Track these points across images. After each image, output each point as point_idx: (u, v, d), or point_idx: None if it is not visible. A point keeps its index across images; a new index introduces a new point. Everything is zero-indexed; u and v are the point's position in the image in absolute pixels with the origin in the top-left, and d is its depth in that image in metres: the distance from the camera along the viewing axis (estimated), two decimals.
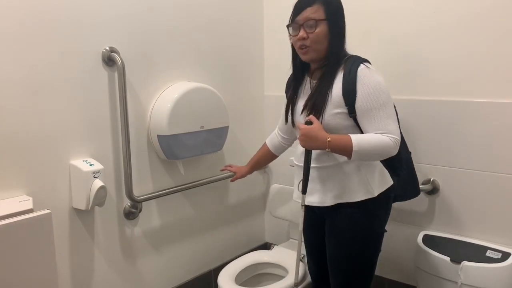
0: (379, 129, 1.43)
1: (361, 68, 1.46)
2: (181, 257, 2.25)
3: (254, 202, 2.68)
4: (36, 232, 1.42)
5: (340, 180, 1.56)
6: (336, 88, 1.48)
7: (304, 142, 1.47)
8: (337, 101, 1.48)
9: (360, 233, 1.58)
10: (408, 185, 1.84)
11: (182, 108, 1.94)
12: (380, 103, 1.43)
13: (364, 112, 1.45)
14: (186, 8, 2.09)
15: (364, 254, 1.61)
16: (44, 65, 1.60)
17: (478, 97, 1.86)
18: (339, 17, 1.51)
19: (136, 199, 1.89)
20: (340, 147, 1.43)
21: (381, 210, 1.62)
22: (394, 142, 1.43)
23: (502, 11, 1.77)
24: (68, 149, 1.70)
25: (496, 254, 1.80)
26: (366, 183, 1.55)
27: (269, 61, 2.59)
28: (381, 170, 1.61)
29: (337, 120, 1.49)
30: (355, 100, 1.45)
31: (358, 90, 1.44)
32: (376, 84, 1.44)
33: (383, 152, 1.44)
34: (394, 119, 1.47)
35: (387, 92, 1.46)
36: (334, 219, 1.61)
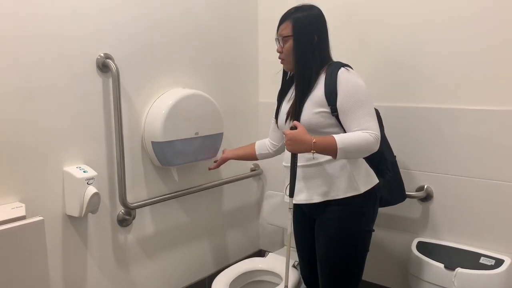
0: (359, 126, 1.51)
1: (341, 71, 1.56)
2: (175, 264, 2.23)
3: (248, 209, 2.68)
4: (28, 239, 1.41)
5: (326, 178, 1.62)
6: (318, 89, 1.58)
7: (291, 146, 1.53)
8: (320, 101, 1.57)
9: (348, 230, 1.64)
10: (395, 190, 1.88)
11: (176, 114, 1.94)
12: (360, 102, 1.53)
13: (345, 111, 1.54)
14: (181, 15, 2.10)
15: (351, 251, 1.65)
16: (38, 71, 1.59)
17: (471, 105, 1.87)
18: (307, 31, 1.61)
19: (129, 206, 1.88)
20: (325, 147, 1.49)
21: (369, 208, 1.67)
22: (375, 138, 1.50)
23: (490, 20, 1.79)
24: (62, 156, 1.69)
25: (489, 261, 1.81)
26: (352, 180, 1.61)
27: (263, 68, 2.60)
28: (366, 168, 1.68)
29: (320, 118, 1.58)
30: (336, 100, 1.54)
31: (339, 90, 1.54)
32: (355, 85, 1.55)
33: (366, 148, 1.50)
34: (374, 117, 1.55)
35: (366, 93, 1.56)
36: (322, 216, 1.67)
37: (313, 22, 1.62)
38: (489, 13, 1.80)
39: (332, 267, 1.67)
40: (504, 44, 1.78)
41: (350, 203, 1.61)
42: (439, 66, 1.94)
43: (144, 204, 1.97)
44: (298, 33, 1.61)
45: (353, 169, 1.62)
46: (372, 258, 2.18)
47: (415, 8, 1.98)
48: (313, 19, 1.63)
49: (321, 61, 1.63)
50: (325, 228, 1.67)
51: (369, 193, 1.64)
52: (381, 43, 2.10)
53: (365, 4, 2.12)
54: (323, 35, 1.64)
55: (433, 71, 1.96)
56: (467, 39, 1.86)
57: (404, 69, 2.04)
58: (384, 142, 1.82)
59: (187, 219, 2.27)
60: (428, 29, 1.95)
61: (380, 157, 1.76)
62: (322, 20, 1.65)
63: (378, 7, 2.09)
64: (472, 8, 1.84)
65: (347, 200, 1.61)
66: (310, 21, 1.62)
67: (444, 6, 1.90)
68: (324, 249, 1.68)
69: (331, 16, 1.71)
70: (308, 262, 1.84)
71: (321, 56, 1.63)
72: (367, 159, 1.66)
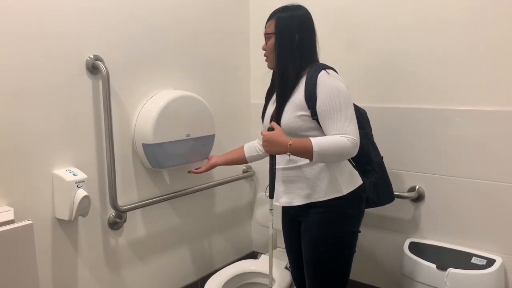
0: (338, 130, 1.51)
1: (321, 74, 1.55)
2: (167, 267, 2.22)
3: (240, 211, 2.67)
4: (17, 244, 1.39)
5: (308, 181, 1.62)
6: (299, 93, 1.58)
7: (267, 147, 1.53)
8: (300, 104, 1.57)
9: (333, 232, 1.63)
10: (382, 191, 1.87)
11: (167, 116, 1.93)
12: (338, 106, 1.51)
13: (324, 114, 1.53)
14: (172, 16, 2.09)
15: (337, 253, 1.65)
16: (27, 72, 1.58)
17: (463, 105, 1.88)
18: (288, 30, 1.61)
19: (120, 208, 1.87)
20: (301, 150, 1.49)
21: (353, 209, 1.65)
22: (353, 142, 1.48)
23: (485, 20, 1.80)
24: (51, 158, 1.67)
25: (481, 261, 1.82)
26: (334, 182, 1.60)
27: (255, 70, 2.60)
28: (350, 170, 1.67)
29: (300, 122, 1.57)
30: (316, 104, 1.54)
31: (318, 94, 1.53)
32: (333, 88, 1.53)
33: (342, 153, 1.49)
34: (353, 121, 1.53)
35: (346, 96, 1.54)
36: (307, 219, 1.66)
37: (295, 22, 1.62)
38: (479, 13, 1.81)
39: (317, 269, 1.66)
40: (494, 45, 1.79)
41: (333, 205, 1.61)
42: (429, 67, 1.95)
43: (135, 206, 1.95)
44: (280, 32, 1.62)
45: (336, 171, 1.61)
46: (364, 259, 2.19)
47: (405, 10, 1.99)
48: (296, 19, 1.62)
49: (302, 62, 1.62)
50: (309, 231, 1.66)
51: (353, 195, 1.63)
52: (371, 44, 2.10)
53: (355, 6, 2.13)
54: (306, 36, 1.63)
55: (423, 72, 1.97)
56: (457, 41, 1.87)
57: (394, 70, 2.05)
58: (371, 143, 1.83)
59: (179, 222, 2.25)
60: (418, 30, 1.96)
61: (367, 158, 1.77)
62: (307, 21, 1.64)
63: (367, 9, 2.09)
64: (462, 9, 1.85)
65: (330, 202, 1.60)
66: (292, 21, 1.62)
67: (434, 8, 1.91)
68: (309, 251, 1.67)
69: (321, 18, 1.71)
70: (297, 265, 1.82)
71: (302, 57, 1.62)
72: (353, 160, 1.66)
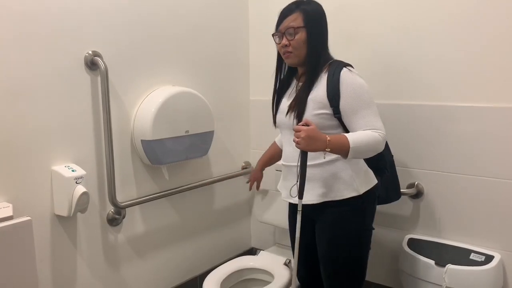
0: (368, 126, 1.50)
1: (344, 71, 1.53)
2: (166, 263, 2.22)
3: (239, 207, 2.67)
4: (16, 240, 1.39)
5: (326, 179, 1.59)
6: (320, 90, 1.55)
7: (305, 143, 1.43)
8: (322, 102, 1.54)
9: (350, 231, 1.61)
10: (390, 189, 1.88)
11: (166, 112, 1.93)
12: (365, 102, 1.51)
13: (350, 112, 1.51)
14: (171, 12, 2.08)
15: (354, 251, 1.63)
16: (26, 68, 1.57)
17: (462, 102, 1.88)
18: (318, 24, 1.58)
19: (119, 205, 1.87)
20: (339, 146, 1.45)
21: (369, 207, 1.65)
22: (383, 137, 1.50)
23: (486, 17, 1.80)
24: (50, 154, 1.67)
25: (479, 257, 1.82)
26: (352, 181, 1.58)
27: (254, 66, 2.59)
28: (366, 169, 1.66)
29: (320, 120, 1.54)
30: (339, 101, 1.51)
31: (342, 92, 1.51)
32: (358, 85, 1.52)
33: (375, 147, 1.50)
34: (379, 116, 1.54)
35: (370, 92, 1.54)
36: (323, 218, 1.64)
37: (321, 14, 1.60)
38: (481, 10, 1.80)
39: (335, 268, 1.65)
40: (496, 42, 1.78)
41: (350, 204, 1.58)
42: (430, 63, 1.94)
43: (134, 203, 1.95)
44: (313, 23, 1.57)
45: (353, 170, 1.59)
46: None
47: (409, 6, 1.98)
48: (321, 10, 1.60)
49: (326, 57, 1.60)
50: (326, 231, 1.63)
51: (369, 193, 1.61)
52: (372, 40, 2.09)
53: (357, 1, 2.12)
54: (327, 32, 1.62)
55: (425, 68, 1.96)
56: (460, 37, 1.86)
57: (391, 66, 2.04)
58: None
59: (178, 218, 2.25)
60: (421, 27, 1.95)
61: (379, 157, 1.69)
62: (325, 16, 1.62)
63: (369, 4, 2.09)
64: (465, 5, 1.84)
65: (347, 201, 1.58)
66: (319, 12, 1.59)
67: (438, 4, 1.90)
68: (327, 250, 1.64)
69: None
70: (304, 263, 1.79)
71: (327, 52, 1.61)
72: (366, 158, 1.64)
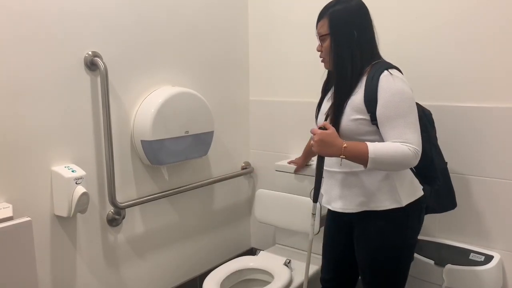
0: (397, 137, 1.39)
1: (384, 74, 1.43)
2: (166, 264, 2.22)
3: (239, 207, 2.67)
4: (16, 240, 1.39)
5: (366, 188, 1.52)
6: (358, 95, 1.46)
7: (319, 147, 1.41)
8: (359, 108, 1.46)
9: (392, 244, 1.54)
10: (444, 198, 1.75)
11: (166, 113, 1.93)
12: (401, 111, 1.39)
13: (384, 120, 1.42)
14: (171, 13, 2.08)
15: (397, 265, 1.58)
16: (25, 69, 1.57)
17: (460, 102, 1.88)
18: (344, 29, 1.48)
19: (119, 205, 1.87)
20: (355, 154, 1.38)
21: (413, 221, 1.57)
22: (414, 152, 1.37)
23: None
24: (50, 155, 1.67)
25: (479, 257, 1.82)
26: (394, 191, 1.50)
27: (254, 66, 2.59)
28: (411, 179, 1.56)
29: (358, 125, 1.47)
30: (376, 108, 1.42)
31: (379, 97, 1.42)
32: (396, 92, 1.41)
33: (401, 162, 1.38)
34: (416, 129, 1.41)
35: (410, 101, 1.42)
36: (364, 229, 1.58)
37: (351, 16, 1.48)
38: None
39: (376, 278, 1.61)
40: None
41: (392, 217, 1.50)
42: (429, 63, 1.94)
43: (134, 203, 1.95)
44: (335, 31, 1.48)
45: (396, 180, 1.50)
46: None
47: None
48: (351, 12, 1.48)
49: (363, 60, 1.48)
50: (367, 241, 1.57)
51: (412, 206, 1.52)
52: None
53: None
54: (364, 30, 1.49)
55: (419, 68, 1.96)
56: (454, 36, 1.87)
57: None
58: (434, 147, 1.69)
59: (178, 218, 2.25)
60: (420, 27, 1.95)
61: (429, 164, 1.60)
62: (363, 13, 1.50)
63: None
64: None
65: (388, 213, 1.50)
66: (347, 16, 1.48)
67: None
68: (368, 260, 1.60)
69: None
70: (333, 269, 1.74)
71: (363, 54, 1.49)
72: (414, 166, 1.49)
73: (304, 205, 2.10)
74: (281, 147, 2.52)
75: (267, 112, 2.56)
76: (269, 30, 2.48)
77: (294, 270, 2.10)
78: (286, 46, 2.42)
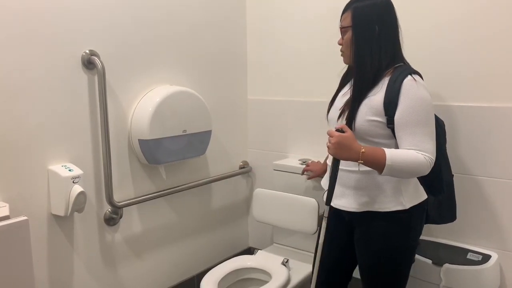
0: (414, 145, 1.38)
1: (408, 79, 1.41)
2: (163, 263, 2.22)
3: (237, 206, 2.67)
4: (12, 240, 1.38)
5: (373, 188, 1.51)
6: (378, 96, 1.45)
7: (336, 150, 1.39)
8: (377, 109, 1.44)
9: (395, 246, 1.54)
10: (445, 210, 1.74)
11: (164, 112, 1.92)
12: (421, 119, 1.39)
13: (402, 125, 1.40)
14: (168, 11, 2.07)
15: (398, 266, 1.58)
16: (22, 68, 1.56)
17: (456, 102, 1.88)
18: (366, 23, 1.47)
19: (116, 204, 1.86)
20: (373, 160, 1.37)
21: (416, 223, 1.57)
22: (429, 161, 1.38)
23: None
24: (46, 154, 1.66)
25: (476, 257, 1.82)
26: (399, 194, 1.49)
27: (252, 65, 2.59)
28: (415, 183, 1.56)
29: (372, 127, 1.45)
30: (395, 112, 1.41)
31: (400, 101, 1.40)
32: (418, 99, 1.39)
33: (416, 170, 1.39)
34: (432, 138, 1.41)
35: (430, 109, 1.42)
36: (367, 230, 1.57)
37: (375, 12, 1.46)
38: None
39: (376, 280, 1.60)
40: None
41: (395, 218, 1.50)
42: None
43: (131, 202, 1.95)
44: (357, 24, 1.47)
45: (402, 182, 1.49)
46: None
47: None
48: (376, 8, 1.46)
49: (382, 58, 1.46)
50: (370, 242, 1.56)
51: (416, 209, 1.52)
52: None
53: None
54: (387, 28, 1.47)
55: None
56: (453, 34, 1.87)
57: None
58: (443, 157, 1.66)
59: (175, 218, 2.25)
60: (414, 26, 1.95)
61: (436, 175, 1.57)
62: (389, 10, 1.48)
63: None
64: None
65: (393, 215, 1.49)
66: (371, 11, 1.46)
67: None
68: (369, 262, 1.59)
69: None
70: (330, 269, 1.72)
71: (384, 52, 1.46)
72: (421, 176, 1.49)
73: (302, 204, 2.10)
74: (279, 146, 2.52)
75: (265, 111, 2.56)
76: (268, 28, 2.48)
77: (292, 269, 2.10)
78: (285, 45, 2.42)
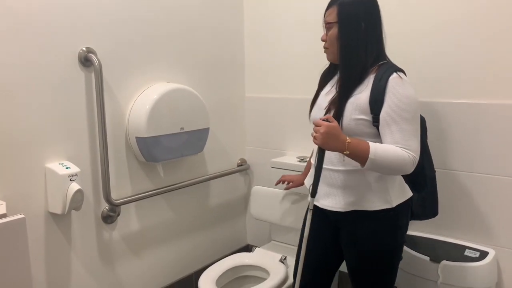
0: (398, 142, 1.37)
1: (393, 76, 1.40)
2: (161, 261, 2.21)
3: (235, 204, 2.67)
4: (9, 238, 1.38)
5: (357, 187, 1.50)
6: (363, 94, 1.44)
7: (323, 140, 1.36)
8: (362, 107, 1.43)
9: (384, 245, 1.54)
10: (428, 206, 1.74)
11: (161, 109, 1.92)
12: (406, 117, 1.38)
13: (387, 123, 1.40)
14: (166, 9, 2.07)
15: (387, 265, 1.59)
16: (19, 65, 1.56)
17: (453, 98, 1.88)
18: (353, 19, 1.46)
19: (114, 202, 1.86)
20: (357, 152, 1.36)
21: (403, 221, 1.57)
22: (412, 159, 1.37)
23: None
24: (44, 152, 1.66)
25: (474, 253, 1.83)
26: (385, 192, 1.49)
27: (250, 63, 2.58)
28: (400, 181, 1.56)
29: (359, 126, 1.45)
30: (381, 109, 1.40)
31: (386, 99, 1.39)
32: (404, 97, 1.39)
33: (399, 167, 1.38)
34: (417, 136, 1.41)
35: (416, 107, 1.42)
36: (353, 230, 1.56)
37: (361, 9, 1.45)
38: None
39: (367, 280, 1.61)
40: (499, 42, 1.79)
41: (382, 217, 1.50)
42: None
43: (129, 200, 1.95)
44: (343, 20, 1.45)
45: (387, 182, 1.49)
46: None
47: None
48: (362, 4, 1.46)
49: (368, 55, 1.46)
50: (357, 242, 1.56)
51: (402, 207, 1.52)
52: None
53: None
54: (373, 25, 1.46)
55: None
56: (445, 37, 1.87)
57: None
58: (426, 154, 1.67)
59: (173, 215, 2.25)
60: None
61: (419, 171, 1.55)
62: (374, 8, 1.48)
63: None
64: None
65: (379, 214, 1.49)
66: (357, 7, 1.45)
67: None
68: (358, 263, 1.59)
69: None
70: (314, 270, 1.68)
71: (370, 49, 1.46)
72: None
73: (300, 201, 2.10)
74: (277, 144, 2.51)
75: (263, 109, 2.56)
76: (265, 26, 2.47)
77: (290, 266, 2.09)
78: (282, 43, 2.41)
